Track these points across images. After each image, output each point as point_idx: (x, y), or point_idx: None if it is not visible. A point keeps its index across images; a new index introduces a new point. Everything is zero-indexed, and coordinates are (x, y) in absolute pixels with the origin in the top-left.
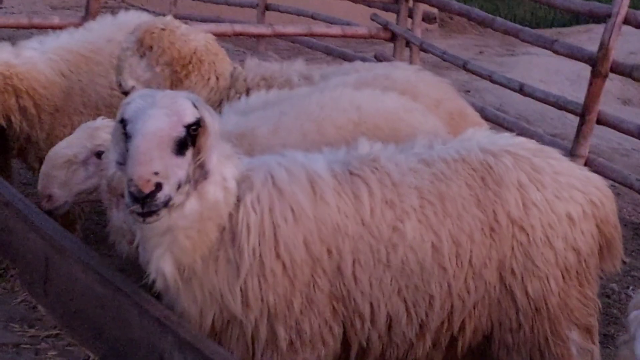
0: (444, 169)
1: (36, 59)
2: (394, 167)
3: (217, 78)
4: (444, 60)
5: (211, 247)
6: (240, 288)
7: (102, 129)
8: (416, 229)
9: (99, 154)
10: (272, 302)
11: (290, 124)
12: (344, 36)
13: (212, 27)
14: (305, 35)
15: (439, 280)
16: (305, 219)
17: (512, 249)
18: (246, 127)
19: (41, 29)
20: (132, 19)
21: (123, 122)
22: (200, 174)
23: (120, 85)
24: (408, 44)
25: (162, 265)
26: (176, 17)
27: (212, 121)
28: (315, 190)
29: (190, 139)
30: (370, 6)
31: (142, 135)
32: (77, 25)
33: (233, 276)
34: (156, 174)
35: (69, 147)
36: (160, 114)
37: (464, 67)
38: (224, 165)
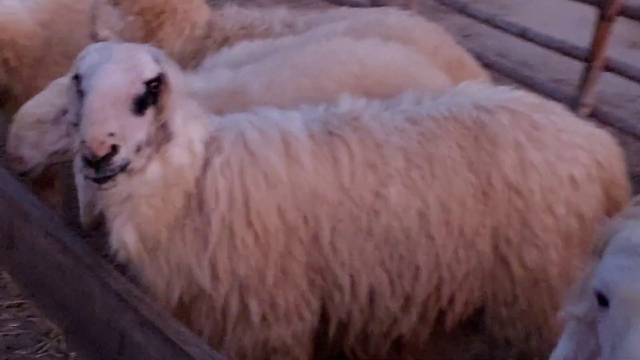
0: (432, 127)
1: (17, 8)
2: (378, 126)
3: (193, 27)
4: (442, 3)
5: (177, 216)
6: (209, 259)
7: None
8: (401, 194)
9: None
10: (243, 274)
11: (284, 79)
12: None
13: None
14: None
15: (426, 250)
16: (279, 184)
17: (508, 215)
18: (237, 84)
19: None
20: None
21: (77, 78)
22: (163, 135)
23: (94, 35)
24: None
25: (124, 236)
26: None
27: (175, 77)
28: (290, 152)
29: (150, 97)
30: None
31: (96, 92)
32: None
33: (201, 247)
34: (111, 135)
35: (38, 105)
36: (116, 68)
37: (463, 10)
38: (190, 126)
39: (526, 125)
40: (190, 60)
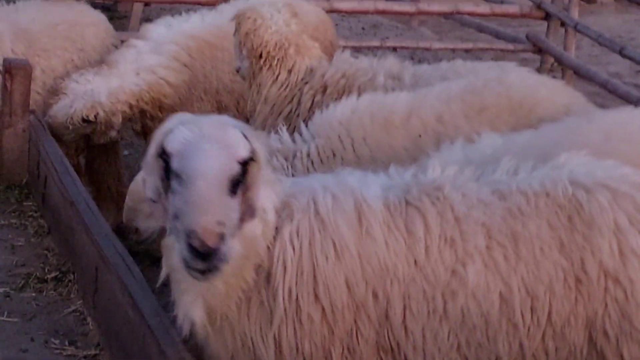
0: (521, 203)
1: (156, 67)
2: (460, 197)
3: (289, 73)
4: (599, 44)
5: (245, 289)
6: (274, 335)
7: None
8: (481, 274)
9: None
10: (308, 351)
11: None
12: (492, 15)
13: (355, 4)
14: (451, 14)
15: (509, 339)
16: (348, 256)
17: (605, 305)
18: None
19: (184, 3)
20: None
21: (165, 155)
22: (247, 212)
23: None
24: (563, 24)
25: (192, 313)
26: None
27: (262, 152)
28: (362, 222)
29: (242, 175)
30: None
31: (201, 177)
32: (216, 1)
33: (266, 322)
34: (220, 223)
35: None
36: (215, 149)
37: (621, 52)
38: (264, 194)
39: (629, 207)
40: (285, 106)
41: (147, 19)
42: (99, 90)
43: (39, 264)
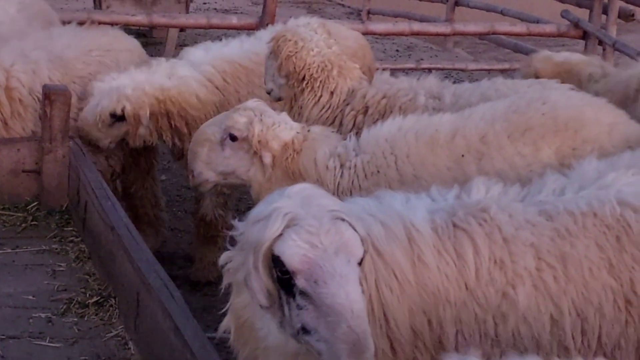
0: (569, 223)
1: (189, 78)
2: (507, 218)
3: (331, 95)
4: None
5: None
6: None
7: (239, 111)
8: (531, 296)
9: (232, 136)
10: None
11: None
12: (529, 35)
13: (390, 26)
14: (487, 34)
15: None
16: (408, 286)
17: None
18: None
19: (219, 29)
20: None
21: (281, 265)
22: None
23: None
24: (601, 42)
25: None
26: (369, 12)
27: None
28: (414, 248)
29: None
30: (562, 1)
31: (349, 312)
32: (254, 26)
33: None
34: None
35: (209, 125)
36: (345, 266)
37: None
38: None
39: None
40: (327, 126)
41: (183, 45)
42: (125, 84)
43: (80, 289)
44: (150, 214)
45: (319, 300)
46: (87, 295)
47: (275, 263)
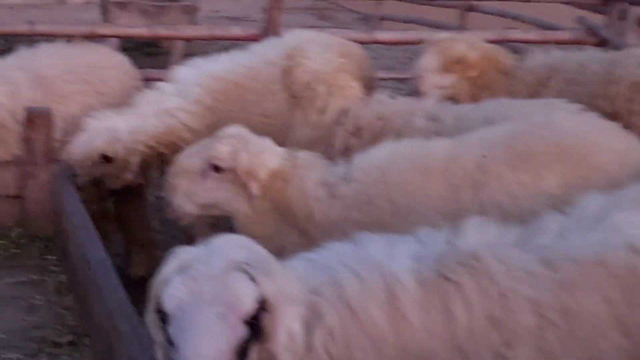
0: (573, 274)
1: (177, 111)
2: (503, 268)
3: (320, 113)
4: None
5: None
6: None
7: (222, 139)
8: (531, 358)
9: (215, 167)
10: None
11: None
12: (544, 42)
13: (398, 35)
14: (500, 42)
15: None
16: (387, 348)
17: None
18: None
19: (222, 40)
20: (297, 39)
21: (160, 313)
22: (267, 357)
23: None
24: (619, 50)
25: None
26: (380, 18)
27: (278, 289)
28: (395, 304)
29: (254, 332)
30: (579, 7)
31: None
32: (257, 37)
33: None
34: None
35: (188, 155)
36: (212, 320)
37: None
38: (289, 317)
39: None
40: (315, 148)
41: (190, 54)
42: (120, 128)
43: (56, 326)
44: (142, 236)
45: (179, 349)
46: (62, 333)
47: (159, 311)
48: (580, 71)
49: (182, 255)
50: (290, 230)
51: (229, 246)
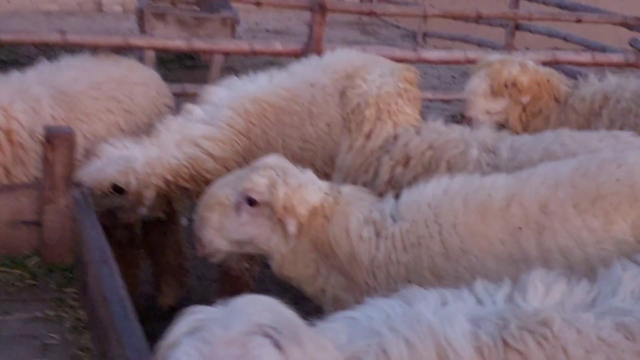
0: None
1: (200, 139)
2: (574, 336)
3: (366, 139)
4: None
5: None
6: None
7: (259, 170)
8: None
9: (250, 200)
10: None
11: None
12: (595, 64)
13: (443, 54)
14: (550, 64)
15: None
16: None
17: None
18: None
19: (263, 55)
20: (339, 59)
21: None
22: None
23: None
24: None
25: None
26: (425, 35)
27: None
28: None
29: None
30: (630, 29)
31: None
32: (299, 52)
33: None
34: None
35: (221, 186)
36: None
37: None
38: None
39: None
40: (359, 176)
41: (230, 68)
42: (136, 157)
43: None
44: (173, 263)
45: None
46: None
47: None
48: (636, 100)
49: (195, 314)
50: (331, 272)
51: (252, 307)
